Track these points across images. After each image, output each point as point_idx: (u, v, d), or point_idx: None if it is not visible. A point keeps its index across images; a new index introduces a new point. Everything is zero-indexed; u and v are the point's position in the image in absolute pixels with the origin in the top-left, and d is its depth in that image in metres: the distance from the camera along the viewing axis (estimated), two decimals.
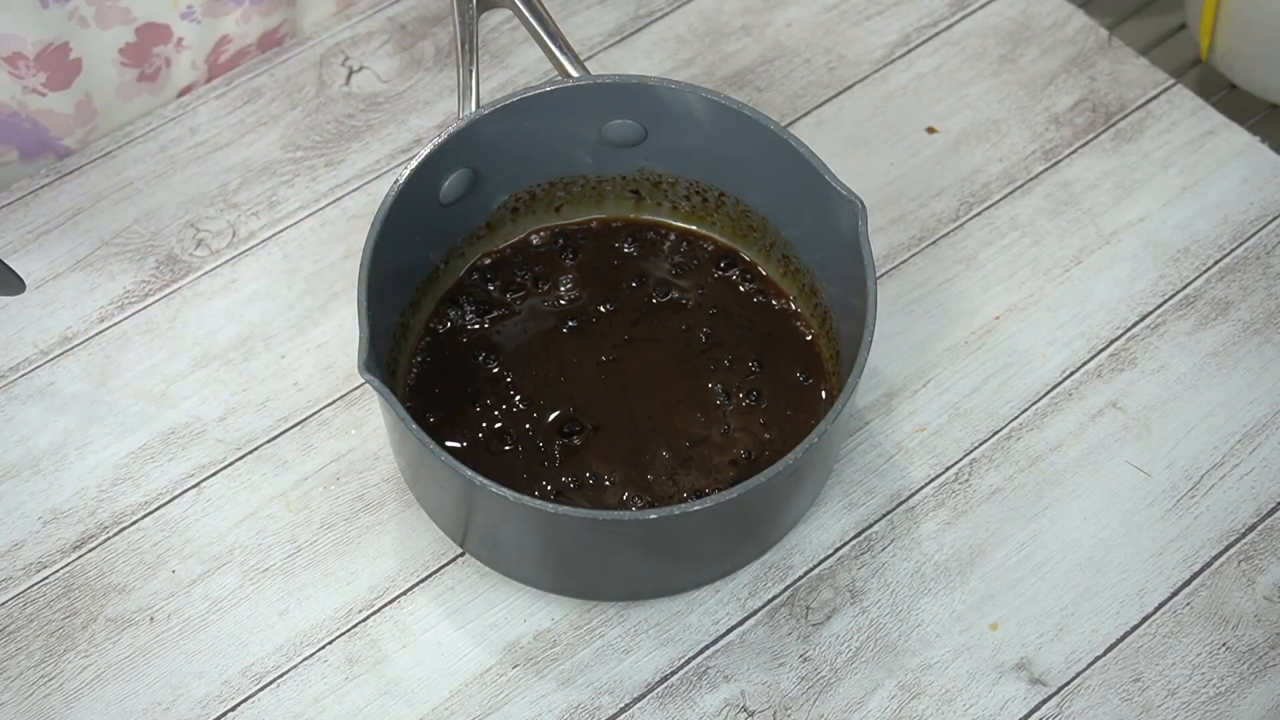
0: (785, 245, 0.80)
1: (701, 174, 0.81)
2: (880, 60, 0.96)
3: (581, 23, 0.97)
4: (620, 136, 0.79)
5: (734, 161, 0.79)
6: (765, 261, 0.82)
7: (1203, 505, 0.79)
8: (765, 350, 0.80)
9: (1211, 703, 0.73)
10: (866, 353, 0.69)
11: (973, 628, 0.75)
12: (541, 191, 0.82)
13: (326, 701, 0.74)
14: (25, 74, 0.87)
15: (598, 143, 0.80)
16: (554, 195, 0.83)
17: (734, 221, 0.82)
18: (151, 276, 0.87)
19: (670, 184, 0.82)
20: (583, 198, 0.83)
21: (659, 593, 0.76)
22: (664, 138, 0.79)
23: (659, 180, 0.82)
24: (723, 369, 0.79)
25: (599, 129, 0.79)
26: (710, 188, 0.81)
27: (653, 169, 0.82)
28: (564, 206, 0.84)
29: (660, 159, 0.81)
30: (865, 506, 0.79)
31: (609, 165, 0.82)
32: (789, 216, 0.79)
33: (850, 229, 0.72)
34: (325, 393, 0.83)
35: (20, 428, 0.82)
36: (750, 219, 0.81)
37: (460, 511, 0.73)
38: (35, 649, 0.75)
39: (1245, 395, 0.82)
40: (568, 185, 0.82)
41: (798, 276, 0.80)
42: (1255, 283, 0.86)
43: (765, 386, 0.78)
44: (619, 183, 0.83)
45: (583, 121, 0.78)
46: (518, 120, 0.77)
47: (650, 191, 0.83)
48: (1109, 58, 0.96)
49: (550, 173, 0.81)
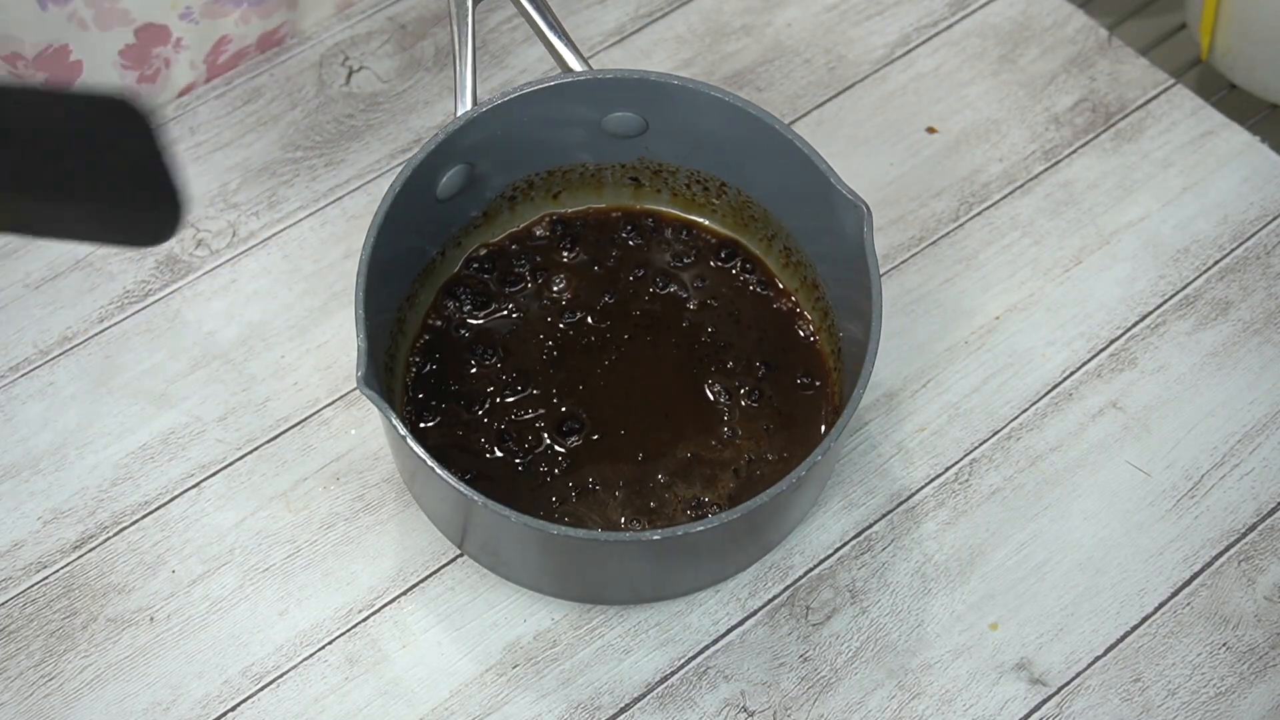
0: (787, 236, 0.80)
1: (703, 164, 0.81)
2: (880, 60, 0.96)
3: (582, 22, 0.97)
4: (621, 128, 0.79)
5: (737, 154, 0.78)
6: (766, 253, 0.82)
7: (1203, 505, 0.79)
8: (767, 351, 0.79)
9: (1212, 703, 0.73)
10: (872, 362, 0.69)
11: (973, 628, 0.75)
12: (539, 180, 0.82)
13: (326, 701, 0.74)
14: (25, 75, 0.87)
15: (598, 133, 0.80)
16: (552, 183, 0.83)
17: (735, 211, 0.82)
18: (151, 276, 0.87)
19: (671, 172, 0.82)
20: (581, 185, 0.83)
21: (659, 597, 0.76)
22: (666, 129, 0.79)
23: (659, 168, 0.82)
24: (724, 370, 0.79)
25: (599, 121, 0.79)
26: (711, 177, 0.81)
27: (653, 158, 0.81)
28: (562, 194, 0.83)
29: (661, 148, 0.81)
30: (865, 506, 0.79)
31: (608, 154, 0.81)
32: (791, 209, 0.79)
33: (855, 233, 0.72)
34: (325, 393, 0.83)
35: (20, 428, 0.82)
36: (752, 209, 0.81)
37: (459, 521, 0.73)
38: (35, 649, 0.75)
39: (1245, 395, 0.82)
40: (565, 173, 0.82)
41: (799, 269, 0.80)
42: (1255, 283, 0.86)
43: (767, 389, 0.78)
44: (618, 170, 0.82)
45: (583, 114, 0.78)
46: (518, 115, 0.76)
47: (650, 179, 0.83)
48: (1109, 58, 0.96)
49: (548, 162, 0.81)
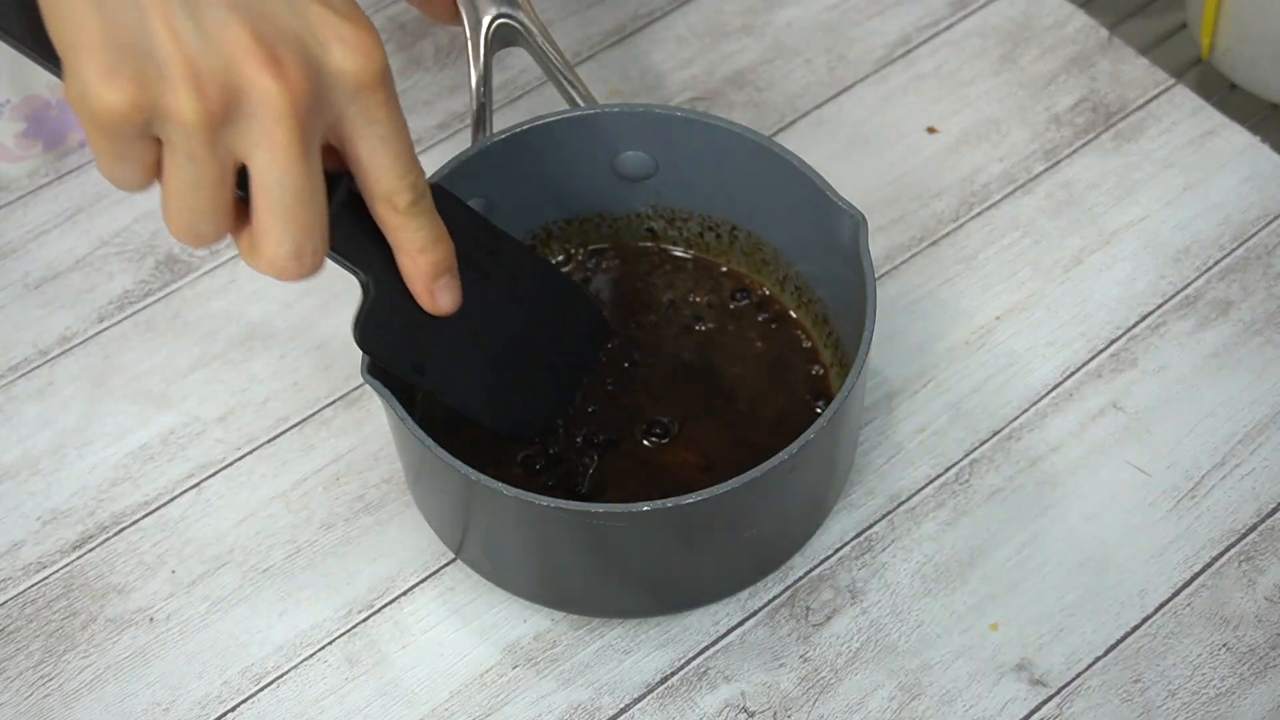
0: (797, 277, 0.80)
1: (712, 206, 0.81)
2: (880, 60, 0.96)
3: (581, 22, 0.97)
4: (631, 169, 0.80)
5: (740, 187, 0.79)
6: (780, 293, 0.82)
7: (1203, 505, 0.79)
8: (776, 384, 0.79)
9: (1212, 703, 0.73)
10: (866, 349, 0.69)
11: (973, 628, 0.75)
12: (558, 229, 0.82)
13: (326, 702, 0.74)
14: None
15: (611, 177, 0.80)
16: (570, 233, 0.83)
17: (747, 256, 0.82)
18: (151, 276, 0.87)
19: (684, 219, 0.82)
20: (598, 237, 0.83)
21: (661, 609, 0.75)
22: (673, 168, 0.79)
23: (673, 216, 0.82)
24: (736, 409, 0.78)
25: (611, 162, 0.79)
26: (723, 221, 0.81)
27: (665, 204, 0.81)
28: (581, 249, 0.84)
29: (671, 192, 0.81)
30: (865, 507, 0.79)
31: (623, 202, 0.82)
32: (798, 246, 0.79)
33: (850, 243, 0.72)
34: (325, 393, 0.83)
35: (20, 428, 0.82)
36: (763, 252, 0.81)
37: (460, 520, 0.73)
38: (35, 649, 0.75)
39: (1246, 395, 0.82)
40: (583, 223, 0.83)
41: (811, 306, 0.80)
42: (1256, 283, 0.86)
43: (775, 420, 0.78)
44: (634, 220, 0.83)
45: (595, 154, 0.79)
46: (528, 148, 0.77)
47: (664, 229, 0.83)
48: (1109, 58, 0.96)
49: (566, 210, 0.82)
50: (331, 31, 0.55)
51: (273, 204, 0.55)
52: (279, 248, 0.56)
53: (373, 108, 0.57)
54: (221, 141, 0.53)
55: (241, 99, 0.53)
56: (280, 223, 0.55)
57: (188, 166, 0.54)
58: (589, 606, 0.76)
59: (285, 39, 0.54)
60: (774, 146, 0.75)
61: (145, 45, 0.52)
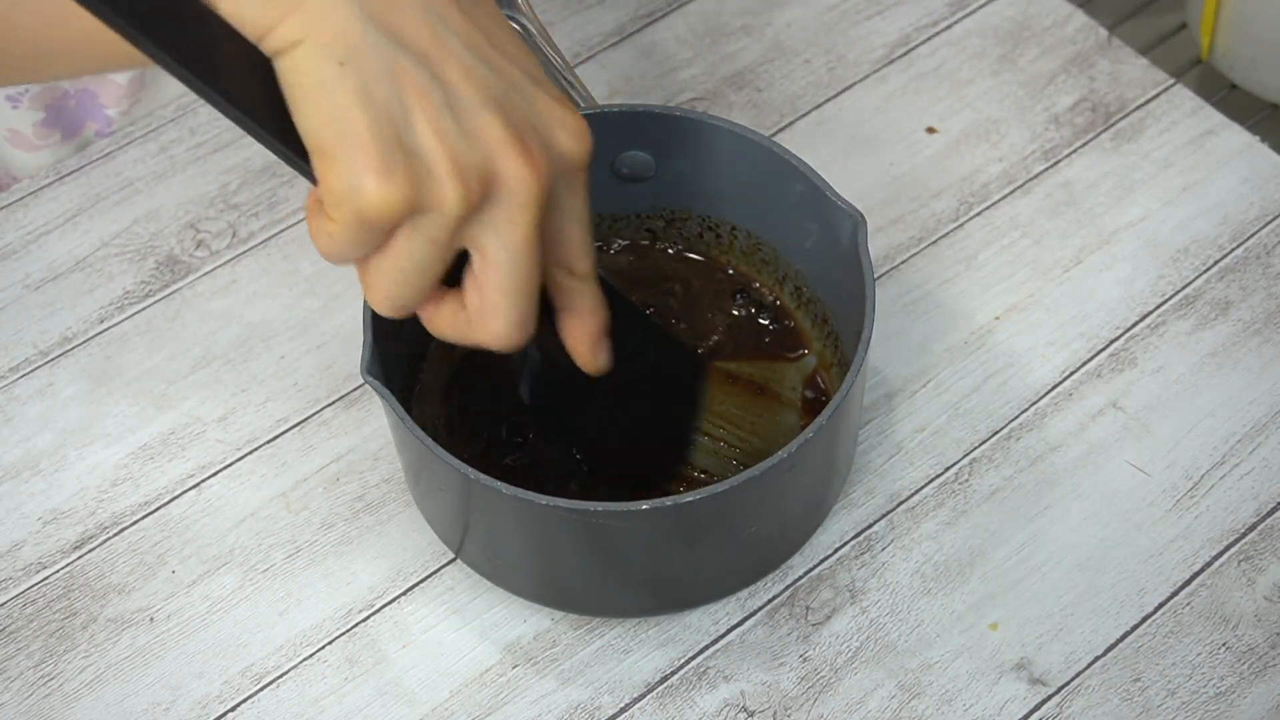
0: (797, 277, 0.80)
1: (712, 206, 0.81)
2: (880, 60, 0.96)
3: (582, 23, 0.97)
4: (631, 169, 0.79)
5: (740, 187, 0.78)
6: (780, 293, 0.82)
7: (1203, 505, 0.79)
8: (772, 390, 0.79)
9: (1212, 703, 0.73)
10: (866, 348, 0.69)
11: (973, 628, 0.75)
12: None
13: (326, 702, 0.74)
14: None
15: (611, 177, 0.80)
16: None
17: (747, 256, 0.82)
18: (151, 277, 0.87)
19: (684, 219, 0.82)
20: (598, 237, 0.83)
21: (661, 608, 0.75)
22: (673, 168, 0.79)
23: (672, 216, 0.82)
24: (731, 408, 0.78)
25: (611, 162, 0.79)
26: (723, 221, 0.81)
27: (665, 204, 0.81)
28: None
29: (671, 192, 0.81)
30: (865, 506, 0.79)
31: (623, 203, 0.82)
32: (798, 246, 0.79)
33: (850, 243, 0.72)
34: (325, 393, 0.83)
35: (20, 428, 0.82)
36: (763, 252, 0.81)
37: (460, 519, 0.73)
38: (35, 649, 0.75)
39: (1245, 395, 0.82)
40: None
41: (810, 306, 0.80)
42: (1255, 283, 0.86)
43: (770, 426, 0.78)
44: (634, 222, 0.83)
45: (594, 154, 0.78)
46: None
47: (664, 229, 0.83)
48: (1109, 58, 0.96)
49: None
50: (555, 118, 0.57)
51: (503, 281, 0.57)
52: (507, 320, 0.58)
53: (578, 185, 0.60)
54: (463, 228, 0.55)
55: (496, 188, 0.55)
56: (508, 298, 0.58)
57: (424, 250, 0.55)
58: (589, 606, 0.76)
59: (528, 129, 0.56)
60: (774, 146, 0.75)
61: (410, 142, 0.53)
